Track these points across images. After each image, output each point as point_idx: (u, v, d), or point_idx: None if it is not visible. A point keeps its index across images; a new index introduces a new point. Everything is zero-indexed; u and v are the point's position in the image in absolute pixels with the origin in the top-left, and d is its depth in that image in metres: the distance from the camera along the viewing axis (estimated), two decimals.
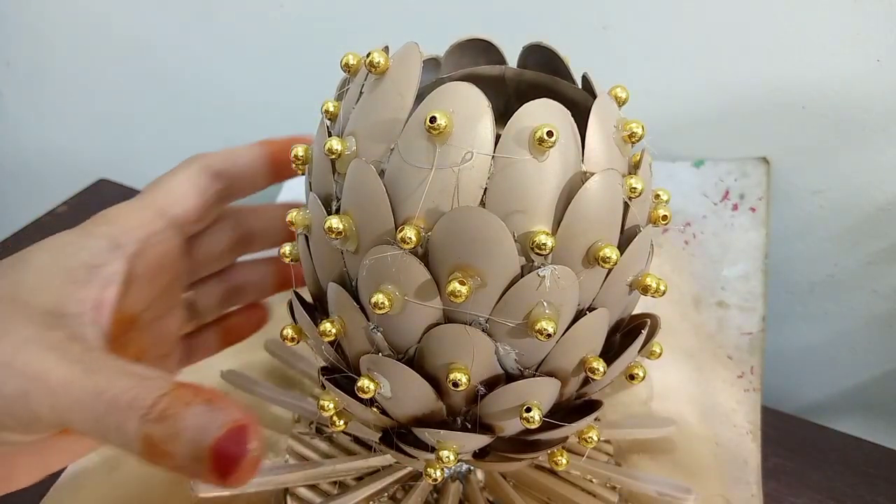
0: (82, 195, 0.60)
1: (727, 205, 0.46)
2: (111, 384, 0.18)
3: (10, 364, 0.18)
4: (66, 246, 0.22)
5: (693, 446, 0.37)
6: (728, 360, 0.42)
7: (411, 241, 0.19)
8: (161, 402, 0.18)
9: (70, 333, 0.20)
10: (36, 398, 0.18)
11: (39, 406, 0.18)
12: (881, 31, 0.38)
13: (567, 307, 0.20)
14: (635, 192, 0.20)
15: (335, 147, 0.20)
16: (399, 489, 0.34)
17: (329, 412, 0.24)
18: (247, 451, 0.17)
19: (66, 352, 0.19)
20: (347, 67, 0.23)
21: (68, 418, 0.18)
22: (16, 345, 0.19)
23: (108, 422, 0.18)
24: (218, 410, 0.18)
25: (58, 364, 0.19)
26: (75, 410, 0.18)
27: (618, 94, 0.22)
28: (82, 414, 0.18)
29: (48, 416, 0.18)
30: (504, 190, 0.19)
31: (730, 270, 0.45)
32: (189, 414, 0.17)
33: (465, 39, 0.26)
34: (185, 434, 0.17)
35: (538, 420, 0.21)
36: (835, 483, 0.38)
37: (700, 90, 0.45)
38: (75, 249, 0.22)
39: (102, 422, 0.18)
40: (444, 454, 0.22)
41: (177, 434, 0.17)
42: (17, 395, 0.18)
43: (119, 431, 0.18)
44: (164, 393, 0.18)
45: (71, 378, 0.18)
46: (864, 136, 0.42)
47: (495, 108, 0.19)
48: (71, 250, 0.22)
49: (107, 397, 0.18)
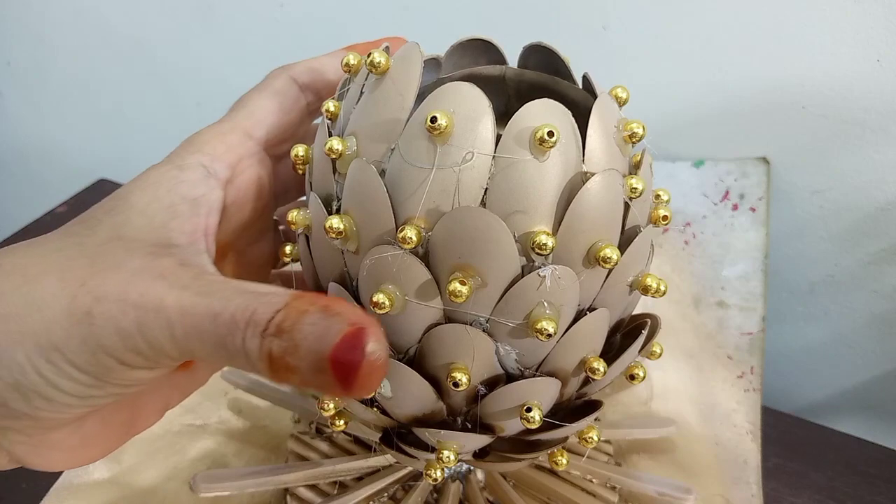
0: (82, 195, 0.60)
1: (727, 205, 0.46)
2: (227, 305, 0.17)
3: (124, 298, 0.18)
4: (162, 181, 0.21)
5: (693, 446, 0.37)
6: (728, 360, 0.42)
7: (412, 241, 0.19)
8: (279, 315, 0.17)
9: (179, 261, 0.19)
10: (155, 329, 0.18)
11: (160, 337, 0.18)
12: (881, 31, 0.38)
13: (567, 307, 0.20)
14: (636, 193, 0.20)
15: (336, 147, 0.20)
16: (399, 489, 0.34)
17: (329, 412, 0.24)
18: (363, 357, 0.16)
19: (178, 278, 0.18)
20: (348, 67, 0.23)
21: (189, 346, 0.18)
22: (127, 278, 0.18)
23: (229, 344, 0.17)
24: (334, 316, 0.17)
25: (170, 291, 0.18)
26: (194, 337, 0.18)
27: (618, 94, 0.22)
28: (202, 339, 0.17)
29: (170, 347, 0.18)
30: (505, 190, 0.19)
31: (730, 270, 0.45)
32: (305, 324, 0.17)
33: (466, 39, 0.26)
34: (303, 345, 0.16)
35: (538, 420, 0.21)
36: (835, 483, 0.38)
37: (700, 90, 0.45)
38: (172, 184, 0.21)
39: (223, 345, 0.17)
40: (444, 454, 0.22)
41: (296, 346, 0.16)
42: (135, 329, 0.18)
43: (241, 352, 0.17)
44: (281, 306, 0.17)
45: (186, 304, 0.18)
46: (864, 135, 0.42)
47: (495, 108, 0.19)
48: (168, 185, 0.21)
49: (224, 318, 0.17)
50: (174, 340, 0.18)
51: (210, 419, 0.38)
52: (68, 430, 0.20)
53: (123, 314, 0.18)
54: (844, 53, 0.40)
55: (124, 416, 0.23)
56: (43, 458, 0.20)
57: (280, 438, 0.37)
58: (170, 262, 0.19)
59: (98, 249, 0.19)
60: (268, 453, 0.36)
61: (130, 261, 0.19)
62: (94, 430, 0.22)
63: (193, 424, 0.37)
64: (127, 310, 0.18)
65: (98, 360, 0.18)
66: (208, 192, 0.22)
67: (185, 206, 0.21)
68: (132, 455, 0.35)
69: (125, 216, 0.20)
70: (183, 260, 0.20)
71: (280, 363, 0.17)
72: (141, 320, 0.18)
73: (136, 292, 0.18)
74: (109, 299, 0.18)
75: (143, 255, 0.19)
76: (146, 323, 0.18)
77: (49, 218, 0.57)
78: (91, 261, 0.19)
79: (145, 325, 0.18)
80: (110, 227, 0.20)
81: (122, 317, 0.18)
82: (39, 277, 0.18)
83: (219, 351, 0.18)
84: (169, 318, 0.17)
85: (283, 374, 0.17)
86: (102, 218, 0.20)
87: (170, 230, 0.20)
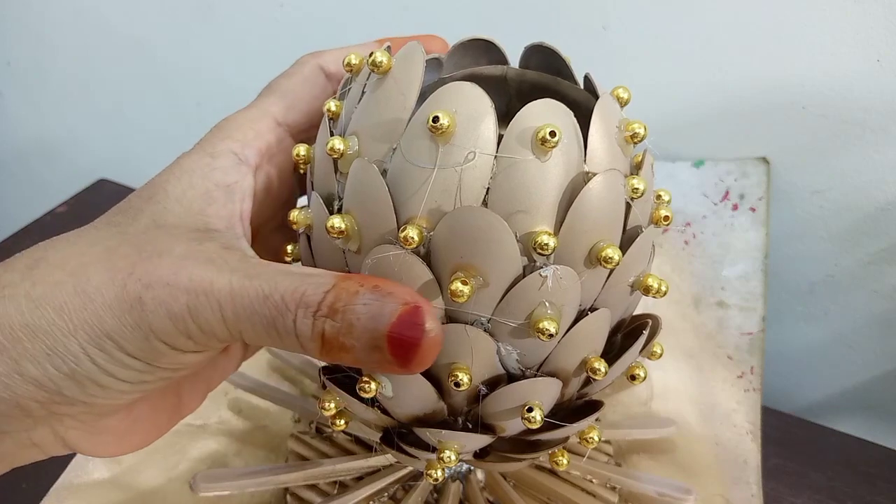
0: (82, 195, 0.60)
1: (727, 205, 0.46)
2: (275, 286, 0.18)
3: (174, 283, 0.18)
4: (196, 169, 0.22)
5: (693, 446, 0.37)
6: (728, 360, 0.42)
7: (413, 241, 0.19)
8: (328, 296, 0.17)
9: (222, 245, 0.20)
10: (206, 312, 0.18)
11: (211, 319, 0.18)
12: (881, 31, 0.38)
13: (569, 307, 0.20)
14: (637, 193, 0.20)
15: (337, 146, 0.20)
16: (399, 489, 0.34)
17: (330, 412, 0.24)
18: (424, 332, 0.17)
19: (225, 262, 0.19)
20: (350, 67, 0.23)
21: (239, 328, 0.18)
22: (175, 263, 0.18)
23: (279, 325, 0.18)
24: (387, 295, 0.17)
25: (219, 274, 0.18)
26: (244, 318, 0.18)
27: (620, 94, 0.22)
28: (252, 321, 0.18)
29: (220, 330, 0.18)
30: (506, 190, 0.19)
31: (730, 270, 0.45)
32: (359, 303, 0.17)
33: (468, 39, 0.26)
34: (358, 325, 0.17)
35: (539, 420, 0.21)
36: (835, 483, 0.38)
37: (700, 90, 0.45)
38: (206, 171, 0.22)
39: (273, 326, 0.18)
40: (445, 454, 0.22)
41: (350, 326, 0.17)
42: (186, 313, 0.18)
43: (292, 333, 0.17)
44: (329, 287, 0.17)
45: (235, 287, 0.18)
46: (864, 135, 0.42)
47: (497, 108, 0.19)
48: (202, 172, 0.21)
49: (274, 300, 0.18)
50: (224, 322, 0.18)
51: (210, 419, 0.38)
52: (120, 416, 0.21)
53: (174, 299, 0.18)
54: (844, 53, 0.40)
55: (171, 401, 0.23)
56: (95, 444, 0.21)
57: (280, 438, 0.37)
58: (213, 246, 0.19)
59: (141, 237, 0.19)
60: (268, 453, 0.36)
61: (175, 246, 0.19)
62: (144, 415, 0.22)
63: (193, 424, 0.37)
64: (178, 294, 0.18)
65: (150, 345, 0.18)
66: (241, 178, 0.22)
67: (220, 192, 0.21)
68: (132, 455, 0.35)
69: (163, 205, 0.21)
70: (225, 244, 0.20)
71: (333, 343, 0.17)
72: (192, 304, 0.18)
73: (186, 277, 0.18)
74: (159, 285, 0.18)
75: (187, 240, 0.19)
76: (197, 306, 0.18)
77: (49, 218, 0.57)
78: (136, 249, 0.19)
79: (196, 309, 0.18)
80: (150, 216, 0.20)
81: (173, 302, 0.18)
82: (88, 268, 0.18)
83: (269, 332, 0.18)
84: (219, 301, 0.18)
85: (336, 353, 0.17)
86: (142, 206, 0.21)
87: (207, 216, 0.21)
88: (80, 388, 0.18)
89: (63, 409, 0.19)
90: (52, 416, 0.19)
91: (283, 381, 0.40)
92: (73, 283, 0.18)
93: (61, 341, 0.18)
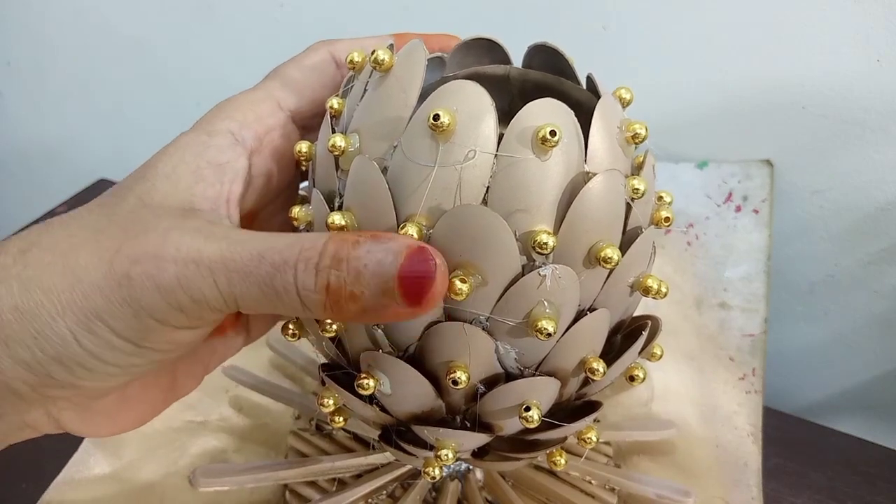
0: (82, 195, 0.60)
1: (730, 206, 0.46)
2: (270, 245, 0.18)
3: (161, 255, 0.18)
4: (190, 146, 0.21)
5: (693, 448, 0.37)
6: (730, 361, 0.42)
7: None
8: (328, 246, 0.17)
9: (207, 220, 0.20)
10: (197, 280, 0.18)
11: (202, 287, 0.18)
12: (881, 31, 0.38)
13: (568, 307, 0.20)
14: (637, 194, 0.20)
15: (339, 144, 0.20)
16: (398, 487, 0.34)
17: (329, 409, 0.24)
18: (434, 267, 0.17)
19: (211, 233, 0.18)
20: (352, 64, 0.23)
21: (233, 292, 0.18)
22: (160, 236, 0.18)
23: (278, 283, 0.17)
24: (388, 241, 0.17)
25: (207, 242, 0.18)
26: (237, 281, 0.18)
27: (622, 94, 0.22)
28: (247, 283, 0.18)
29: (214, 297, 0.18)
30: (506, 189, 0.19)
31: (732, 272, 0.45)
32: (363, 251, 0.17)
33: (471, 39, 0.26)
34: (366, 271, 0.17)
35: (537, 420, 0.21)
36: (835, 483, 0.38)
37: (699, 90, 0.45)
38: (200, 148, 0.21)
39: (271, 285, 0.17)
40: (443, 452, 0.22)
41: (358, 273, 0.17)
42: (176, 283, 0.18)
43: (292, 290, 0.17)
44: (327, 239, 0.17)
45: (225, 252, 0.18)
46: (864, 135, 0.42)
47: (499, 107, 0.19)
48: (195, 149, 0.21)
49: (271, 258, 0.17)
50: (217, 289, 0.18)
51: (211, 416, 0.38)
52: (112, 397, 0.21)
53: (162, 271, 0.18)
54: (844, 53, 0.40)
55: (165, 382, 0.23)
56: (89, 425, 0.21)
57: (280, 436, 0.37)
58: (198, 221, 0.19)
59: (128, 217, 0.19)
60: (268, 450, 0.36)
61: (160, 223, 0.19)
62: (137, 395, 0.22)
63: (194, 421, 0.37)
64: (165, 266, 0.18)
65: (140, 322, 0.18)
66: (234, 159, 0.22)
67: (210, 170, 0.21)
68: (132, 450, 0.35)
69: (151, 182, 0.20)
70: (209, 220, 0.20)
71: (340, 293, 0.17)
72: (181, 274, 0.18)
73: (173, 247, 0.18)
74: (146, 258, 0.18)
75: (172, 216, 0.19)
76: (186, 275, 0.18)
77: (49, 218, 0.57)
78: (122, 228, 0.19)
79: (186, 278, 0.18)
80: (137, 195, 0.20)
81: (161, 273, 0.18)
82: (76, 249, 0.18)
83: (266, 294, 0.18)
84: (210, 268, 0.18)
85: (344, 304, 0.17)
86: (132, 185, 0.21)
87: (193, 195, 0.21)
88: (68, 371, 0.18)
89: (54, 391, 0.19)
90: (44, 399, 0.19)
91: (284, 378, 0.40)
92: (62, 265, 0.18)
93: (49, 324, 0.18)
